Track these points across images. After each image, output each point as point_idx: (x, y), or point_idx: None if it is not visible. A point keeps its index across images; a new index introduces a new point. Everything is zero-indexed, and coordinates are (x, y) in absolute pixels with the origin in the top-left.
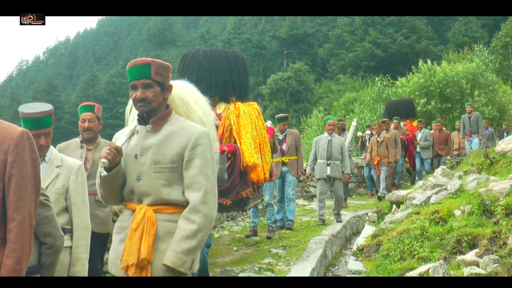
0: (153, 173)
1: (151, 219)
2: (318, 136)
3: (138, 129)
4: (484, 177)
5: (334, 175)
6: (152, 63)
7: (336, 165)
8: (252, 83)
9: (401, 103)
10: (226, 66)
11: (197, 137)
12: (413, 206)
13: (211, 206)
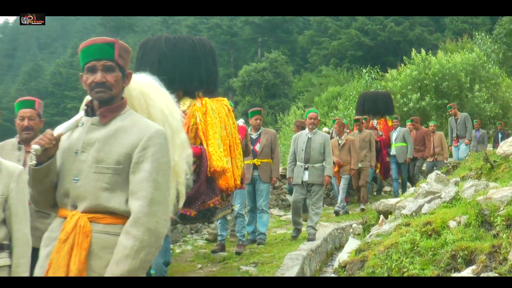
0: (93, 173)
1: (84, 229)
2: (299, 132)
3: (83, 121)
4: (483, 183)
5: (313, 180)
6: (116, 43)
7: (315, 169)
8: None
9: (377, 96)
10: (192, 56)
11: (151, 136)
12: (402, 217)
13: (158, 220)
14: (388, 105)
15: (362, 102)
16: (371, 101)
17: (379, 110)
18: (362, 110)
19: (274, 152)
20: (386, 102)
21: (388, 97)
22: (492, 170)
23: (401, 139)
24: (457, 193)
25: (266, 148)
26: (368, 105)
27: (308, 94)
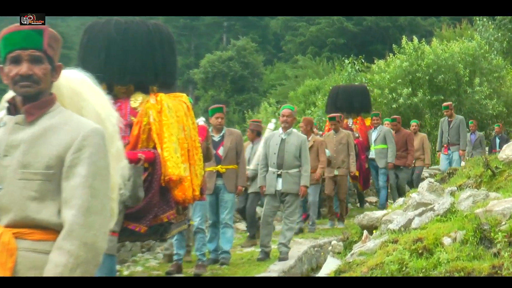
0: (18, 181)
1: (9, 247)
2: (271, 133)
3: (5, 121)
4: (482, 193)
5: (287, 189)
6: (46, 30)
7: (290, 175)
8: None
9: (351, 91)
10: (147, 43)
11: (86, 136)
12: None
13: (96, 233)
14: (364, 101)
15: (334, 98)
16: (345, 96)
17: (354, 107)
18: (334, 107)
19: (240, 156)
20: (363, 98)
21: (364, 91)
22: (493, 178)
23: (381, 140)
24: (452, 204)
25: (231, 152)
26: (342, 101)
27: (282, 88)
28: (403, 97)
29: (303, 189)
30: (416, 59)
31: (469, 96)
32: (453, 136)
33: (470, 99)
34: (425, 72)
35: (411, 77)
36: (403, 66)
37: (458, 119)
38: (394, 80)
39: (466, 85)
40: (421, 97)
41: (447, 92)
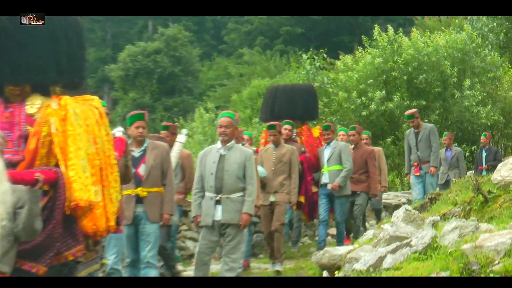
0: None
1: None
2: (207, 148)
3: None
4: (471, 224)
5: (227, 219)
6: None
7: (232, 201)
8: (92, 60)
9: (294, 91)
10: (48, 34)
11: None
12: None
13: None
14: (311, 105)
15: (271, 101)
16: (285, 98)
17: (297, 112)
18: (270, 112)
19: (166, 176)
20: (309, 101)
21: (310, 92)
22: (485, 205)
23: (336, 158)
24: (434, 238)
25: (155, 171)
26: (281, 105)
27: (223, 90)
28: (375, 102)
29: (244, 217)
30: (392, 54)
31: (457, 102)
32: (424, 150)
33: (459, 105)
34: (402, 70)
35: (385, 77)
36: (376, 63)
37: (427, 128)
38: (364, 80)
39: (453, 88)
40: (397, 102)
41: (430, 96)
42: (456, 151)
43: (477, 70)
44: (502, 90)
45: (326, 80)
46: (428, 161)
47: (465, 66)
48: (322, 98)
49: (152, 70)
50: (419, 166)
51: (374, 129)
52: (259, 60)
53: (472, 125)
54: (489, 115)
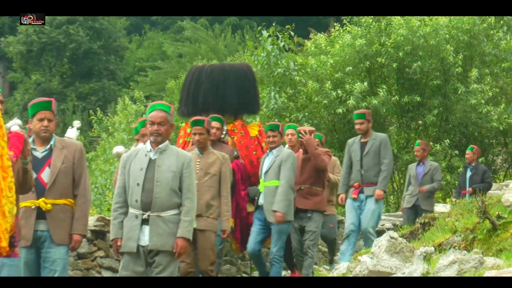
0: None
1: None
2: (132, 150)
3: None
4: (474, 258)
5: (157, 244)
6: None
7: (164, 221)
8: None
9: (224, 74)
10: None
11: None
12: None
13: None
14: (247, 94)
15: (193, 87)
16: (213, 84)
17: (229, 103)
18: (193, 103)
19: (79, 184)
20: (244, 87)
21: (247, 75)
22: (493, 233)
23: (276, 171)
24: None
25: (63, 177)
26: (208, 93)
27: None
28: (355, 96)
29: (180, 243)
30: (378, 35)
31: (461, 99)
32: (370, 168)
33: (463, 103)
34: (391, 56)
35: (369, 64)
36: (357, 46)
37: (378, 139)
38: (342, 67)
39: (457, 81)
40: (384, 97)
41: (427, 90)
42: (431, 167)
43: (488, 59)
44: None
45: (292, 66)
46: (373, 183)
47: (472, 52)
48: (287, 89)
49: (63, 45)
50: (360, 188)
51: (352, 131)
52: (204, 36)
53: (480, 129)
54: (502, 117)
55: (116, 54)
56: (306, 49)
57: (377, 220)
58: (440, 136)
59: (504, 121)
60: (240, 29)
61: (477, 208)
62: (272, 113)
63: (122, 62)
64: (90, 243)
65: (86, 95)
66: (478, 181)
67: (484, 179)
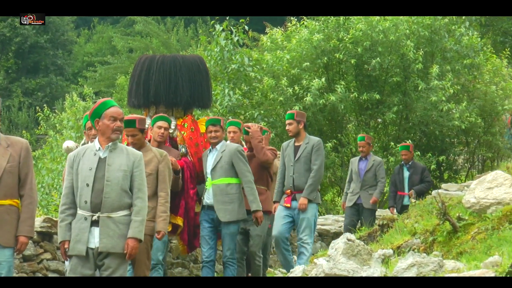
0: None
1: None
2: (79, 149)
3: None
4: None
5: (107, 246)
6: None
7: (114, 222)
8: None
9: (175, 65)
10: None
11: None
12: None
13: None
14: (200, 87)
15: (144, 77)
16: (163, 76)
17: (180, 96)
18: (144, 95)
19: (25, 184)
20: (197, 80)
21: (199, 67)
22: (453, 235)
23: (224, 168)
24: None
25: (8, 177)
26: (158, 86)
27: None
28: (313, 93)
29: (131, 244)
30: (337, 29)
31: (422, 96)
32: (301, 174)
33: (424, 100)
34: (350, 52)
35: (327, 60)
36: (314, 41)
37: (311, 143)
38: (298, 63)
39: (417, 78)
40: (342, 94)
41: (386, 87)
42: (374, 163)
43: (449, 55)
44: (481, 83)
45: (247, 61)
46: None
47: (433, 48)
48: (241, 86)
49: (8, 39)
50: (293, 194)
51: (310, 129)
52: (156, 30)
53: (441, 128)
54: (464, 116)
55: (64, 48)
56: (261, 44)
57: (312, 229)
58: (400, 134)
59: (466, 120)
60: (193, 23)
61: (437, 210)
62: (226, 110)
63: (70, 56)
64: (37, 245)
65: (32, 91)
66: (417, 180)
67: (423, 178)
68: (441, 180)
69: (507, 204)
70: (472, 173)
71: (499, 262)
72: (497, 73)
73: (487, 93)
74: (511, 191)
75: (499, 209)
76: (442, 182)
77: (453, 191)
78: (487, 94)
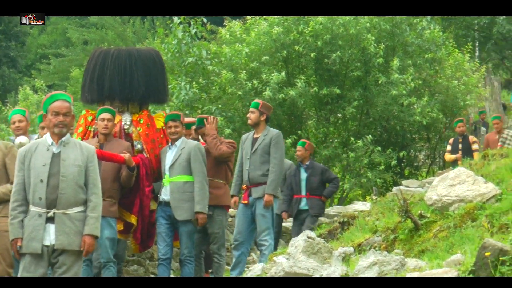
0: None
1: None
2: (31, 144)
3: None
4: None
5: (63, 243)
6: None
7: (70, 219)
8: None
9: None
10: None
11: None
12: None
13: None
14: (156, 81)
15: (98, 71)
16: (117, 70)
17: (136, 90)
18: (99, 89)
19: None
20: (152, 74)
21: (155, 61)
22: (415, 233)
23: (183, 165)
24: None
25: None
26: (113, 80)
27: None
28: (272, 87)
29: (88, 240)
30: (296, 23)
31: (382, 90)
32: (257, 167)
33: (384, 95)
34: (310, 45)
35: (287, 54)
36: (274, 34)
37: (269, 135)
38: (257, 57)
39: (378, 72)
40: (301, 88)
41: (347, 82)
42: None
43: (411, 49)
44: (443, 78)
45: (205, 55)
46: (261, 183)
47: (395, 42)
48: (199, 79)
49: None
50: (249, 190)
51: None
52: (111, 22)
53: (402, 123)
54: (425, 111)
55: (17, 40)
56: (220, 37)
57: (270, 225)
58: (360, 130)
59: (427, 115)
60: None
61: (398, 207)
62: (183, 104)
63: (23, 48)
64: None
65: None
66: (316, 182)
67: (325, 179)
68: (402, 176)
69: (470, 201)
70: (433, 169)
71: (462, 261)
72: (459, 67)
73: (449, 88)
74: (474, 188)
75: (462, 206)
76: (403, 178)
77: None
78: (449, 89)
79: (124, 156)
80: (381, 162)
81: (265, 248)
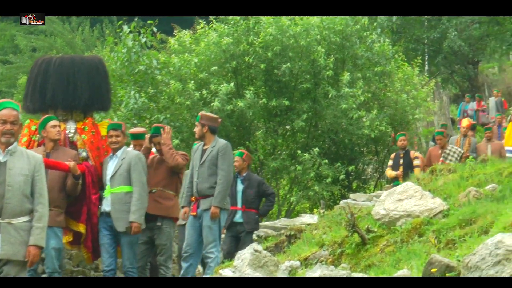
0: None
1: None
2: None
3: None
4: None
5: (10, 253)
6: None
7: (15, 229)
8: None
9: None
10: None
11: None
12: None
13: None
14: (99, 89)
15: (41, 80)
16: (61, 79)
17: (79, 98)
18: (41, 98)
19: None
20: (96, 81)
21: (98, 68)
22: (362, 248)
23: (123, 176)
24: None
25: None
26: (55, 88)
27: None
28: (220, 98)
29: (32, 251)
30: (246, 33)
31: (332, 103)
32: (205, 179)
33: (334, 108)
34: (260, 56)
35: (236, 64)
36: (223, 44)
37: (217, 146)
38: (206, 67)
39: (328, 84)
40: (250, 100)
41: (296, 94)
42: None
43: (360, 62)
44: (392, 91)
45: (154, 64)
46: (208, 196)
47: (344, 55)
48: (148, 89)
49: None
50: (198, 201)
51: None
52: (60, 30)
53: (351, 136)
54: (374, 124)
55: None
56: (169, 46)
57: (216, 237)
58: (309, 142)
59: (376, 128)
60: (99, 23)
61: (346, 221)
62: (131, 113)
63: None
64: None
65: None
66: (252, 195)
67: (262, 193)
68: (350, 189)
69: (417, 216)
70: (381, 183)
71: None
72: (408, 81)
73: (398, 102)
74: (421, 203)
75: (409, 221)
76: (350, 191)
77: (361, 201)
78: (398, 102)
79: (69, 164)
80: (328, 175)
81: (211, 261)
